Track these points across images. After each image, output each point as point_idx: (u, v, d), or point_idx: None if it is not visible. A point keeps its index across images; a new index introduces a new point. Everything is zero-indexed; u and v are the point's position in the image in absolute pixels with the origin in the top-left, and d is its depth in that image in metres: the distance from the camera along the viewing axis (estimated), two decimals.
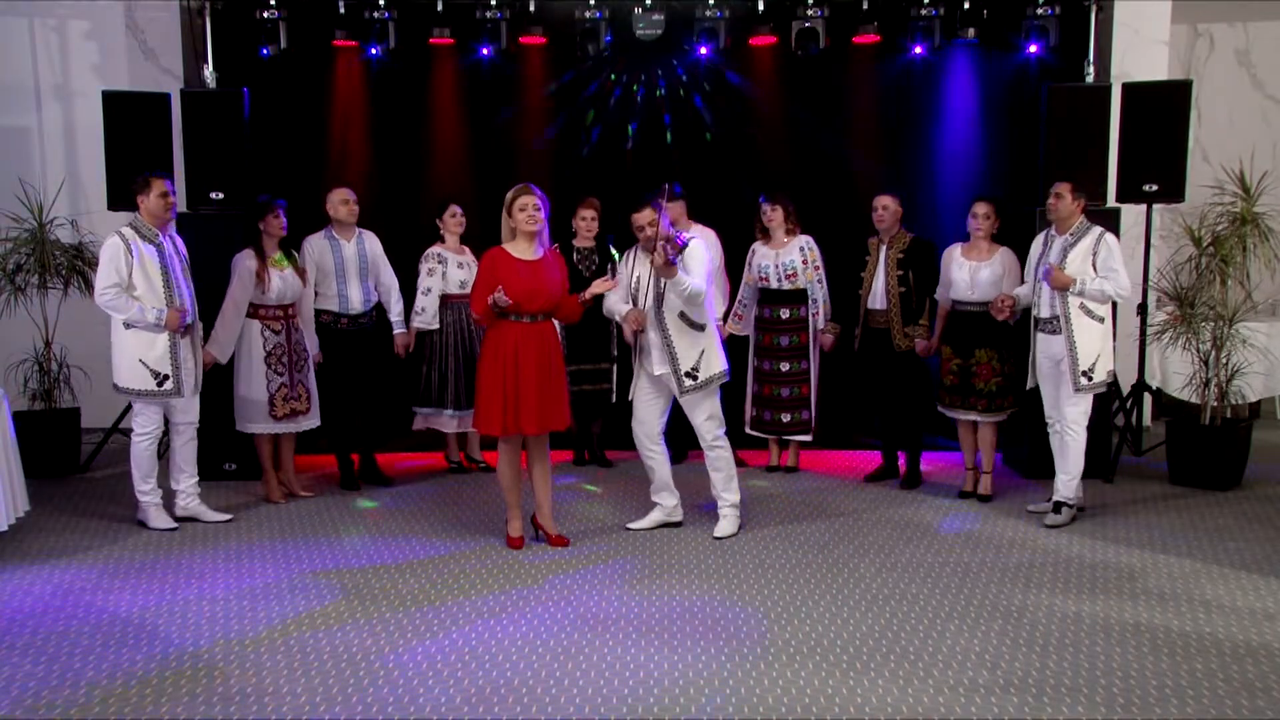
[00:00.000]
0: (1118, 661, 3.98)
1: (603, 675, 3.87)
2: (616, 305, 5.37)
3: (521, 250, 5.06)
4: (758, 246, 6.51)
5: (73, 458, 6.73)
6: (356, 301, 6.18)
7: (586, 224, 6.56)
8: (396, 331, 6.40)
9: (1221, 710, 3.62)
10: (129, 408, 6.81)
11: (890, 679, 3.84)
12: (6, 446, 5.19)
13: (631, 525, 5.54)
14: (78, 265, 6.72)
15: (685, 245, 5.11)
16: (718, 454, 5.41)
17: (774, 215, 6.37)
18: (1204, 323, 6.36)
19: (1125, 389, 6.85)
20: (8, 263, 6.62)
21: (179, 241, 5.56)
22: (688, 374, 5.24)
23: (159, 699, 3.71)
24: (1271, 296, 7.56)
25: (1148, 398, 7.19)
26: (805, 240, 6.40)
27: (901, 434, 6.36)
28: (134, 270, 5.30)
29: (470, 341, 6.48)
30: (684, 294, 5.10)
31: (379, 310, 6.35)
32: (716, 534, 5.41)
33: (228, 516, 5.73)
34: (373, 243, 6.29)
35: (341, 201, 6.14)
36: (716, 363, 5.31)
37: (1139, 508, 5.89)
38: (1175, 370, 7.07)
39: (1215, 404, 6.35)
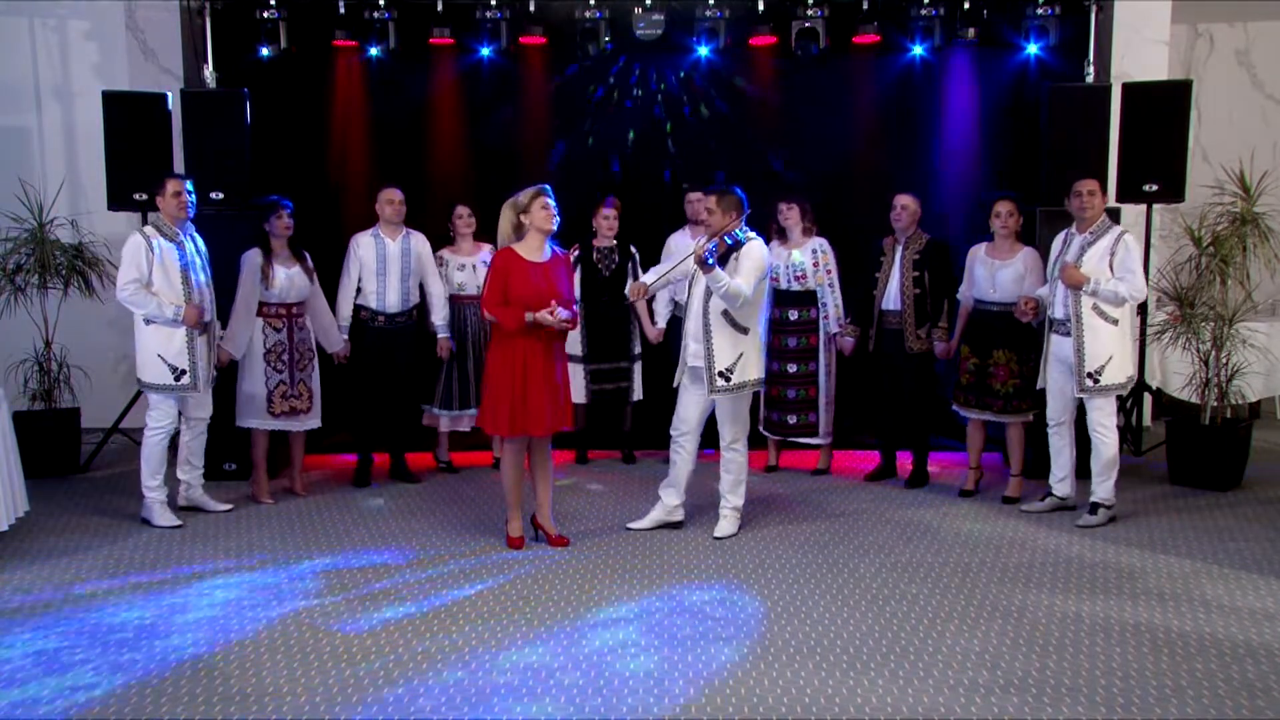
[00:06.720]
0: (1118, 661, 3.98)
1: (602, 675, 3.88)
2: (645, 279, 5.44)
3: (531, 252, 5.09)
4: (773, 245, 6.48)
5: (73, 458, 6.72)
6: (394, 300, 6.20)
7: (608, 223, 6.57)
8: (440, 337, 6.43)
9: (1221, 710, 3.63)
10: (128, 408, 6.87)
11: (890, 679, 3.84)
12: (6, 446, 5.20)
13: (631, 525, 5.54)
14: (78, 265, 6.71)
15: (736, 245, 5.10)
16: (732, 456, 5.40)
17: (790, 214, 6.32)
18: (1204, 323, 6.36)
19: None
20: (8, 263, 6.62)
21: (199, 240, 5.68)
22: (721, 374, 5.21)
23: (159, 700, 3.71)
24: (1271, 296, 7.56)
25: (1148, 398, 7.19)
26: (819, 242, 6.36)
27: (907, 434, 6.35)
28: (154, 267, 5.42)
29: (464, 342, 6.50)
30: (720, 291, 5.06)
31: (421, 312, 6.37)
32: (716, 534, 5.41)
33: (229, 507, 5.84)
34: (420, 244, 6.31)
35: (387, 201, 6.18)
36: (754, 369, 5.28)
37: (1139, 508, 5.89)
38: (1175, 370, 7.07)
39: (1215, 404, 6.35)
